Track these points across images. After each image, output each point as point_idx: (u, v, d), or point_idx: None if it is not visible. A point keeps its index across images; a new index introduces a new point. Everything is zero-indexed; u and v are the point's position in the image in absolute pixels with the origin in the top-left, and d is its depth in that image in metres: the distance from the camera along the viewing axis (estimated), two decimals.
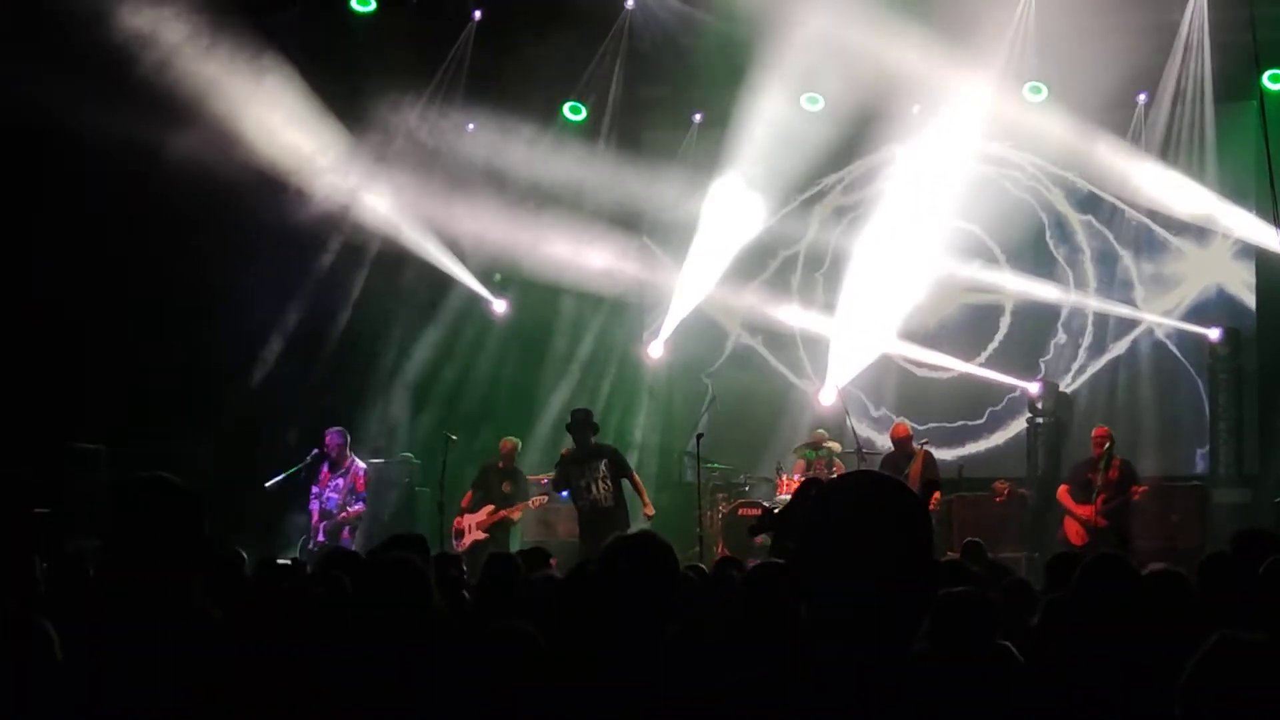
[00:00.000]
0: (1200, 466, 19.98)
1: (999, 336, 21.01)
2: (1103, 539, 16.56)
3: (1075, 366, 20.79)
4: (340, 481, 17.66)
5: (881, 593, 3.07)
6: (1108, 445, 17.35)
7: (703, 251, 21.46)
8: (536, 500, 18.68)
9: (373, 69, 19.91)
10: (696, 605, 7.53)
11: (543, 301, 21.39)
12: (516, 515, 18.37)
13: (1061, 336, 20.87)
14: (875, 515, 3.16)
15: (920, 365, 21.12)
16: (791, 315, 21.49)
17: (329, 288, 20.26)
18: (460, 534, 17.88)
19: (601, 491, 16.51)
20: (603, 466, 16.62)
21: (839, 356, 20.83)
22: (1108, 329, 20.77)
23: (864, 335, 20.73)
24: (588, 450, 16.77)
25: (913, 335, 20.93)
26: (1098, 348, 20.78)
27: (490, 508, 18.08)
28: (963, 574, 8.69)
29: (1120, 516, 17.11)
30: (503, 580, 8.30)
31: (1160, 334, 20.48)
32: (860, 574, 3.08)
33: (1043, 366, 20.68)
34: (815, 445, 18.86)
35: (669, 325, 21.89)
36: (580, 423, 16.91)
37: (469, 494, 18.43)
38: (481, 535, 17.74)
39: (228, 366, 18.92)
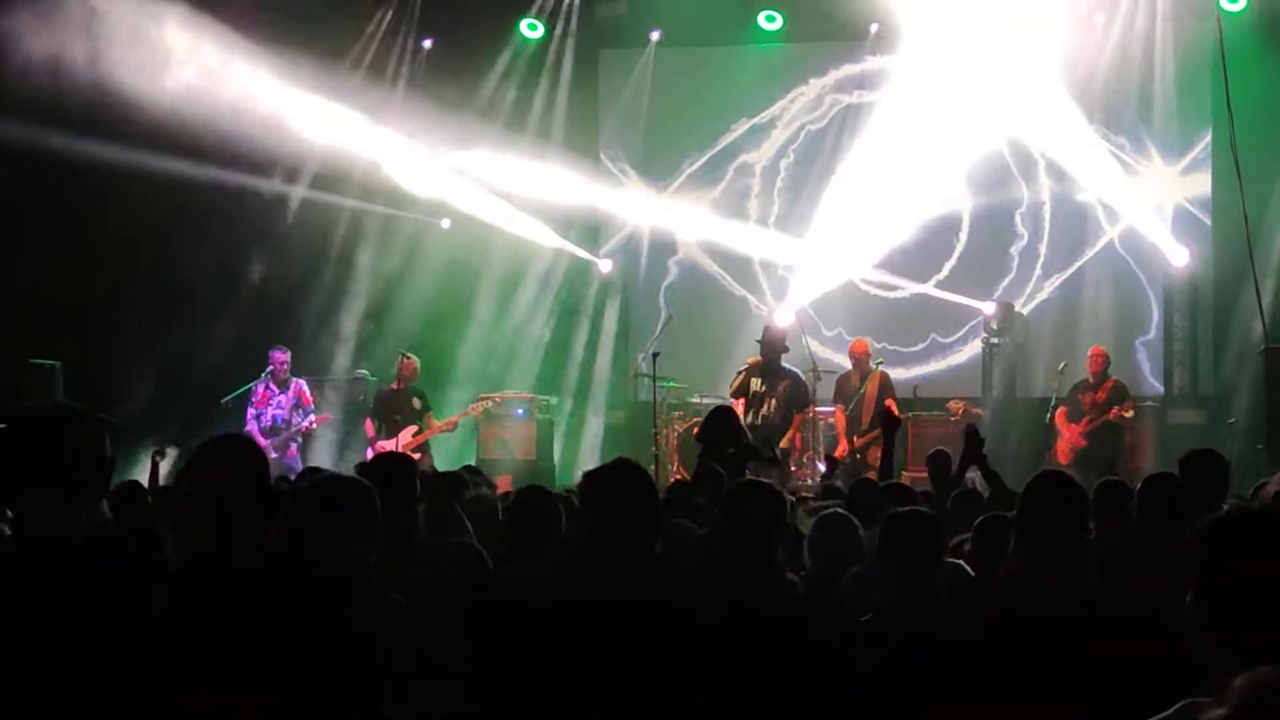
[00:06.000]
0: (1155, 387, 20.08)
1: (955, 256, 20.99)
2: (1086, 459, 16.71)
3: (1031, 287, 20.80)
4: (284, 398, 17.68)
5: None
6: (1102, 367, 17.55)
7: (659, 169, 21.45)
8: (475, 407, 18.56)
9: None
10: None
11: (495, 220, 21.25)
12: (450, 426, 18.13)
13: (1017, 256, 20.87)
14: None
15: (877, 286, 21.10)
16: (748, 235, 21.42)
17: (272, 213, 20.03)
18: None
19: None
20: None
21: (798, 278, 20.82)
22: (1064, 249, 20.77)
23: (824, 258, 20.71)
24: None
25: (871, 257, 20.90)
26: (1054, 267, 20.77)
27: (413, 428, 17.77)
28: (908, 495, 8.73)
29: (1103, 437, 17.24)
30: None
31: (1116, 253, 20.50)
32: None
33: (999, 288, 20.67)
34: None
35: (624, 242, 21.89)
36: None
37: (369, 423, 18.15)
38: (416, 457, 17.48)
39: (180, 289, 18.75)
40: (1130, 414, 17.49)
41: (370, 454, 17.26)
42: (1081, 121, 19.87)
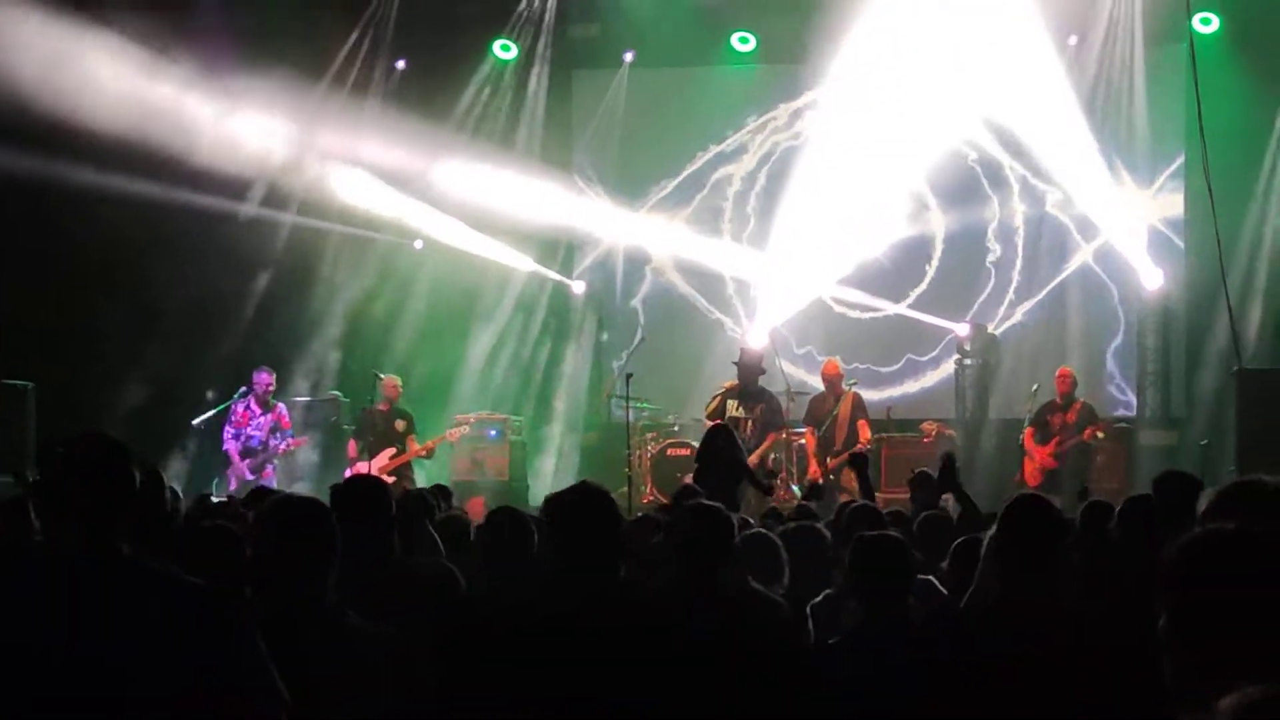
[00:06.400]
0: (1127, 408, 20.11)
1: (928, 278, 21.02)
2: (1057, 481, 16.69)
3: (1004, 308, 20.83)
4: (264, 420, 17.63)
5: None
6: (1071, 387, 17.57)
7: (633, 189, 21.46)
8: (453, 432, 18.53)
9: (301, 6, 19.73)
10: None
11: (471, 236, 21.23)
12: (427, 450, 18.11)
13: (990, 278, 20.90)
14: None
15: (850, 306, 21.11)
16: (722, 254, 21.42)
17: (253, 234, 19.98)
18: None
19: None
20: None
21: (770, 298, 20.82)
22: (1038, 271, 20.81)
23: (796, 277, 20.72)
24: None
25: (843, 277, 20.91)
26: (1027, 289, 20.81)
27: (391, 451, 17.77)
28: (876, 518, 8.71)
29: (1076, 459, 17.25)
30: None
31: (1089, 275, 20.55)
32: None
33: (973, 308, 20.69)
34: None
35: (598, 263, 21.91)
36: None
37: (352, 444, 18.13)
38: (389, 480, 17.39)
39: (156, 307, 18.70)
40: (1102, 435, 17.53)
41: (347, 474, 17.27)
42: (1056, 143, 19.91)
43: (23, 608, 4.12)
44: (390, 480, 16.31)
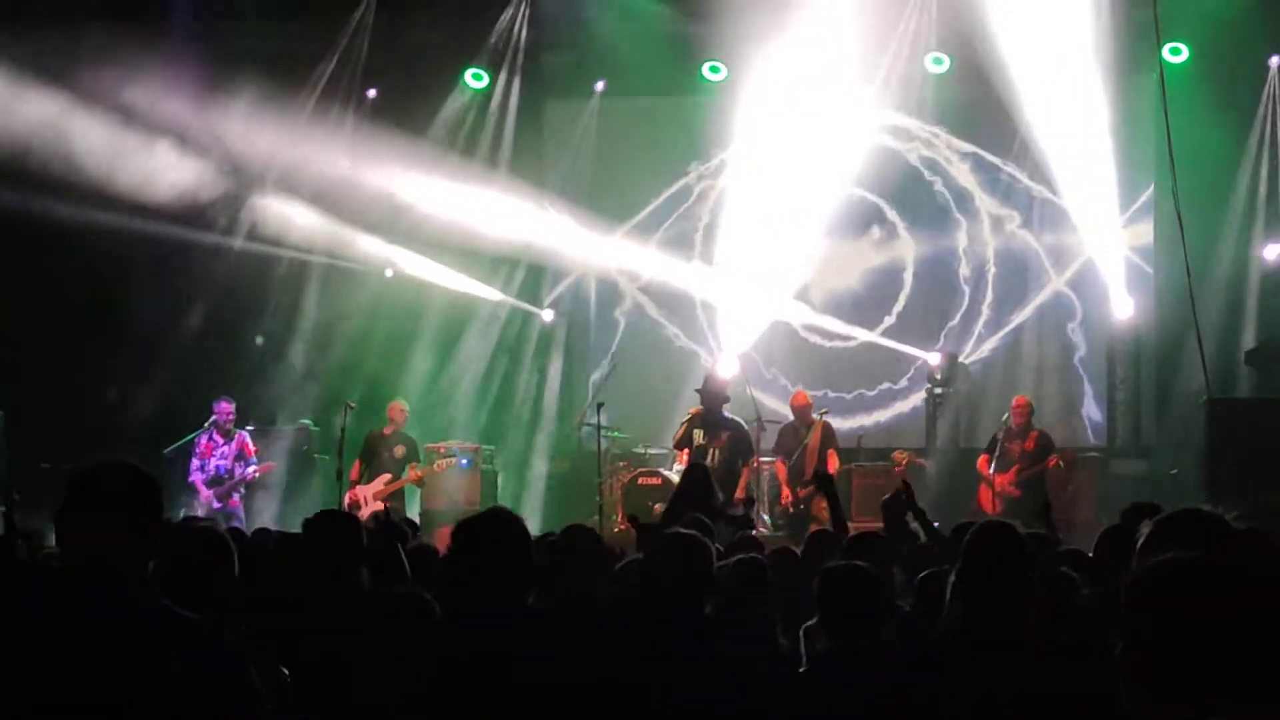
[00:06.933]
0: (1098, 437, 20.13)
1: (898, 308, 21.04)
2: (1018, 509, 16.61)
3: (975, 337, 20.85)
4: (227, 449, 17.70)
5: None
6: (1028, 416, 17.52)
7: (604, 217, 21.44)
8: (441, 464, 18.51)
9: (271, 34, 19.73)
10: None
11: (441, 266, 21.21)
12: (415, 479, 18.14)
13: (961, 307, 20.93)
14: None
15: (822, 334, 21.12)
16: (693, 281, 21.42)
17: (211, 264, 19.94)
18: (356, 507, 17.60)
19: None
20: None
21: (736, 323, 20.83)
22: (1008, 300, 20.84)
23: (761, 300, 20.74)
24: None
25: (814, 306, 20.94)
26: (998, 319, 20.84)
27: (386, 476, 17.90)
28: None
29: (1037, 487, 17.16)
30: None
31: (1060, 304, 20.60)
32: None
33: (943, 338, 20.71)
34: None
35: (569, 291, 21.92)
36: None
37: (356, 465, 18.17)
38: (380, 506, 17.39)
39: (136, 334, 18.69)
40: (1063, 466, 17.46)
41: (347, 497, 17.56)
42: (1026, 172, 19.99)
43: (19, 628, 4.11)
44: (381, 507, 16.34)
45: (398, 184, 20.15)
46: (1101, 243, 20.07)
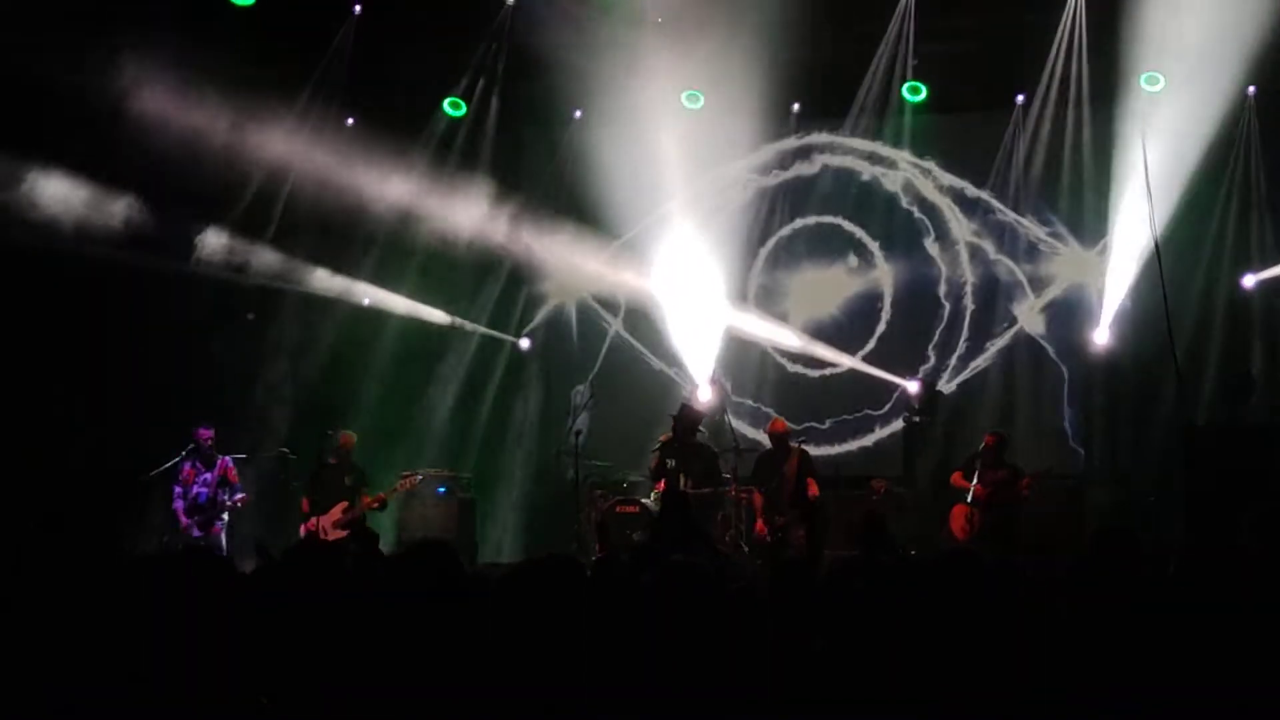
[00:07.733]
0: (1074, 464, 20.14)
1: (875, 337, 21.07)
2: (985, 537, 16.60)
3: (953, 365, 20.87)
4: (209, 475, 17.54)
5: None
6: (999, 453, 17.48)
7: (583, 246, 21.43)
8: (402, 484, 18.33)
9: (250, 61, 19.69)
10: None
11: (420, 297, 21.20)
12: (378, 502, 17.91)
13: (939, 336, 20.95)
14: None
15: (804, 364, 21.15)
16: (673, 311, 21.43)
17: (188, 294, 19.89)
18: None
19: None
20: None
21: (709, 348, 20.90)
22: (985, 328, 20.87)
23: (714, 319, 20.91)
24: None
25: (795, 331, 20.98)
26: (975, 347, 20.88)
27: (344, 504, 17.65)
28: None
29: (1006, 517, 17.12)
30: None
31: (1040, 331, 20.62)
32: None
33: (921, 368, 20.74)
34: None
35: (549, 320, 21.91)
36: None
37: (305, 500, 17.91)
38: (341, 534, 17.20)
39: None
40: (1026, 493, 17.39)
41: (302, 530, 17.36)
42: (1003, 201, 20.05)
43: None
44: (343, 534, 16.24)
45: (375, 209, 20.10)
46: (1079, 270, 20.16)
